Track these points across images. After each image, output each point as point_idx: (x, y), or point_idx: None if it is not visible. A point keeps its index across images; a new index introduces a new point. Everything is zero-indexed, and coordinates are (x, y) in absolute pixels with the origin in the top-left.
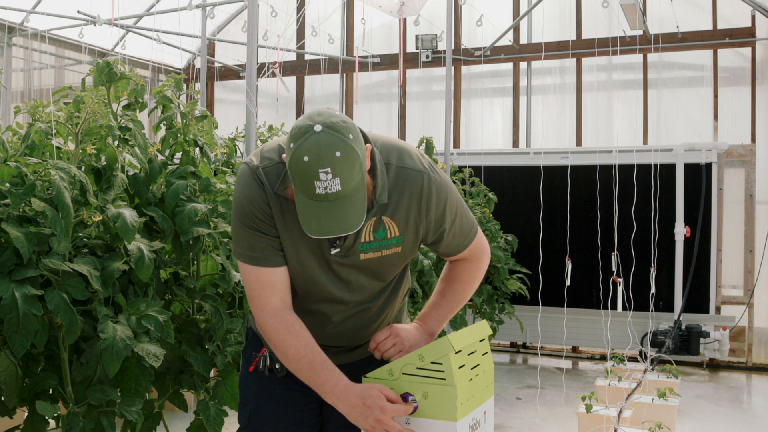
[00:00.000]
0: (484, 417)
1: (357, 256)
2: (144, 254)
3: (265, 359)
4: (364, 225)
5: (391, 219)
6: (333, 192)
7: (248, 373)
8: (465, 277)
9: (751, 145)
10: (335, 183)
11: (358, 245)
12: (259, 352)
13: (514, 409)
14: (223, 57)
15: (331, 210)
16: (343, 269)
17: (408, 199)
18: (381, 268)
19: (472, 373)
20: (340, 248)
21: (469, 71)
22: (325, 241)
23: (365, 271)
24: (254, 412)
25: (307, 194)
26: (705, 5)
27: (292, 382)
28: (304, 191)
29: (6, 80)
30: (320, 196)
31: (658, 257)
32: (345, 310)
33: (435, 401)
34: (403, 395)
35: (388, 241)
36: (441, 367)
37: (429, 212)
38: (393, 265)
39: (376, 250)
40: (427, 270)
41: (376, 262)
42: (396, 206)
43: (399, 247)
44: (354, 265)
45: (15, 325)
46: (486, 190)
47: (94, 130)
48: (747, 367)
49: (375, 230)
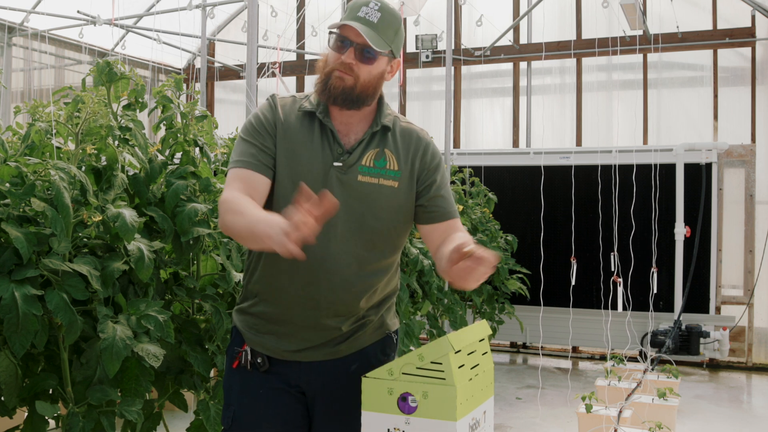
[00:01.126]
0: (484, 417)
1: (355, 176)
2: (144, 254)
3: (247, 354)
4: (366, 151)
5: (392, 153)
6: (371, 20)
7: (232, 371)
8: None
9: (751, 145)
10: (376, 16)
11: (359, 166)
12: (241, 348)
13: (514, 409)
14: (223, 57)
15: (361, 27)
16: (339, 189)
17: (410, 144)
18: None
19: (472, 373)
20: (343, 163)
21: (469, 71)
22: (329, 154)
23: (359, 200)
24: (238, 412)
25: (348, 17)
26: (705, 5)
27: (277, 381)
28: (348, 15)
29: (6, 80)
30: (359, 18)
31: (658, 257)
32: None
33: (435, 401)
34: (403, 395)
35: (386, 171)
36: (441, 366)
37: (425, 157)
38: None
39: (374, 176)
40: (427, 270)
41: (370, 190)
42: (398, 145)
43: (396, 182)
44: (350, 184)
45: (15, 325)
46: (486, 190)
47: (94, 130)
48: (747, 367)
49: (376, 159)
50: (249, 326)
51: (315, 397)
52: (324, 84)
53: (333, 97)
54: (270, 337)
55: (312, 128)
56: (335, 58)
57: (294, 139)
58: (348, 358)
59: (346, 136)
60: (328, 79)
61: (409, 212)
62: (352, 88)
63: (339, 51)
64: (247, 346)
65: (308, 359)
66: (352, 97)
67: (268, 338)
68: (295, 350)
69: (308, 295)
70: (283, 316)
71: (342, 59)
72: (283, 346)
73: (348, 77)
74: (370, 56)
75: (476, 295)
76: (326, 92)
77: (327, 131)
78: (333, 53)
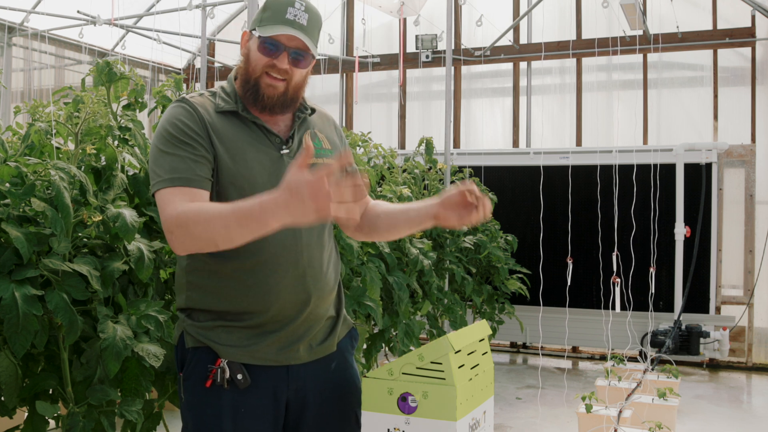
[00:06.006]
0: (484, 417)
1: None
2: (144, 254)
3: (223, 371)
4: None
5: (320, 133)
6: (300, 22)
7: (203, 393)
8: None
9: (751, 145)
10: (303, 17)
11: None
12: (215, 364)
13: (514, 409)
14: (223, 57)
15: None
16: None
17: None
18: None
19: (472, 373)
20: (289, 150)
21: (469, 71)
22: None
23: None
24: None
25: (276, 19)
26: (705, 5)
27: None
28: (274, 18)
29: (6, 80)
30: (288, 21)
31: (658, 257)
32: (300, 240)
33: (435, 401)
34: (402, 395)
35: (324, 151)
36: (441, 366)
37: (338, 132)
38: None
39: (318, 156)
40: (427, 270)
41: None
42: (322, 126)
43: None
44: None
45: (15, 325)
46: (486, 190)
47: (93, 130)
48: (747, 367)
49: (312, 139)
50: (224, 335)
51: (304, 404)
52: (254, 93)
53: (269, 106)
54: (254, 341)
55: (241, 126)
56: (265, 63)
57: (229, 140)
58: (329, 357)
59: (275, 125)
60: (257, 86)
61: None
62: (285, 93)
63: (269, 55)
64: (222, 362)
65: (295, 361)
66: (286, 101)
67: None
68: (283, 349)
69: (295, 284)
70: (271, 311)
71: (275, 64)
72: (271, 348)
73: (280, 83)
74: (303, 59)
75: (476, 295)
76: (259, 101)
77: (257, 126)
78: (261, 57)
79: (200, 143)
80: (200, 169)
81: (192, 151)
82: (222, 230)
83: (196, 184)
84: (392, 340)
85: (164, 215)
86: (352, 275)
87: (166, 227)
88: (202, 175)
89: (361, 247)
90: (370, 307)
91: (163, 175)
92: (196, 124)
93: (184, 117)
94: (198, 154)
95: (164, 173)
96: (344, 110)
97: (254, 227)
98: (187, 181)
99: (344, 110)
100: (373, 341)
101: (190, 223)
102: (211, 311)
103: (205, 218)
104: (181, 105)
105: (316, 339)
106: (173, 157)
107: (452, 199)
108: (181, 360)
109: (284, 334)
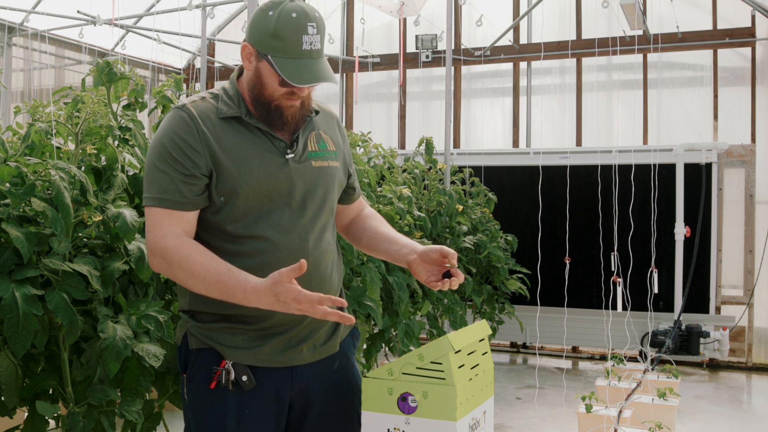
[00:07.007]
0: (484, 417)
1: (309, 163)
2: (144, 254)
3: (228, 372)
4: (308, 136)
5: (325, 134)
6: (316, 49)
7: (207, 395)
8: (377, 217)
9: (751, 145)
10: (317, 40)
11: (308, 153)
12: (219, 365)
13: (514, 409)
14: (223, 57)
15: (315, 65)
16: (300, 179)
17: (330, 121)
18: (330, 184)
19: (472, 373)
20: (294, 153)
21: (469, 71)
22: (275, 149)
23: (319, 185)
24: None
25: (293, 52)
26: (705, 5)
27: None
28: (291, 49)
29: (6, 80)
30: (306, 52)
31: (658, 257)
32: (306, 247)
33: (435, 401)
34: (402, 395)
35: (329, 153)
36: (440, 366)
37: (342, 132)
38: (336, 187)
39: (323, 159)
40: None
41: (326, 173)
42: (327, 127)
43: (337, 162)
44: (309, 172)
45: (15, 325)
46: (486, 190)
47: (94, 130)
48: (747, 367)
49: (317, 142)
50: (229, 336)
51: (308, 404)
52: (279, 117)
53: (293, 124)
54: (259, 343)
55: (244, 131)
56: (285, 92)
57: (233, 148)
58: (332, 357)
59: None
60: (280, 110)
61: (342, 189)
62: (302, 107)
63: (290, 87)
64: (227, 363)
65: (299, 362)
66: (304, 115)
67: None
68: (287, 350)
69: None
70: (276, 315)
71: (295, 92)
72: (276, 349)
73: (296, 102)
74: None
75: (476, 295)
76: (287, 125)
77: (261, 131)
78: (280, 88)
79: (192, 160)
80: (189, 190)
81: (182, 170)
82: (201, 288)
83: (183, 207)
84: (392, 340)
85: (150, 236)
86: (352, 275)
87: (149, 248)
88: (189, 197)
89: None
90: (370, 307)
91: (153, 193)
92: (192, 137)
93: (181, 130)
94: (188, 174)
95: (154, 191)
96: (344, 110)
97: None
98: (174, 203)
99: (344, 110)
100: (373, 341)
101: (174, 265)
102: (216, 314)
103: (188, 269)
104: (180, 114)
105: (319, 340)
106: (164, 175)
107: (431, 255)
108: (185, 361)
109: (288, 336)
